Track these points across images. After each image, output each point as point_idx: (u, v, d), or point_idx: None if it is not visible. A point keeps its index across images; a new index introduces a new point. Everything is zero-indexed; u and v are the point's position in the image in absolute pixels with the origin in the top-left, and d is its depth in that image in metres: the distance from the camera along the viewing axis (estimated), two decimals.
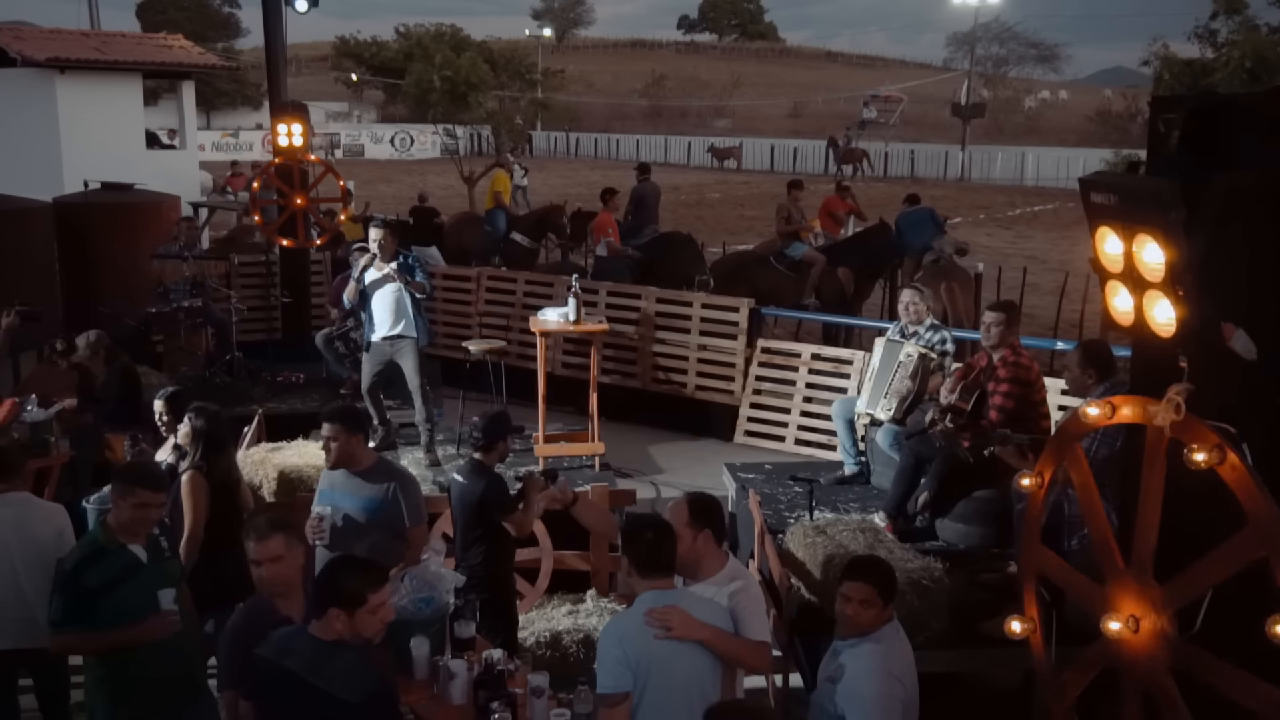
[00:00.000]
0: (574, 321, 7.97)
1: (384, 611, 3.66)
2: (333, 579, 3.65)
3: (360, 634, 3.58)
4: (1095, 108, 65.42)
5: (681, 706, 3.73)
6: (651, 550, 3.91)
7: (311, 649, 3.56)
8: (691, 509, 4.14)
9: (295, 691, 3.51)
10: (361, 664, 3.59)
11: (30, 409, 7.28)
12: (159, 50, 19.56)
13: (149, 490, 4.53)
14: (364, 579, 3.62)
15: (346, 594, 3.56)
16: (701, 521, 4.12)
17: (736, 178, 43.02)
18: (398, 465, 5.54)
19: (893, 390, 6.94)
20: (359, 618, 3.56)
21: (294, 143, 11.80)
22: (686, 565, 4.08)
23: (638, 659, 3.74)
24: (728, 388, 10.96)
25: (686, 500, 4.21)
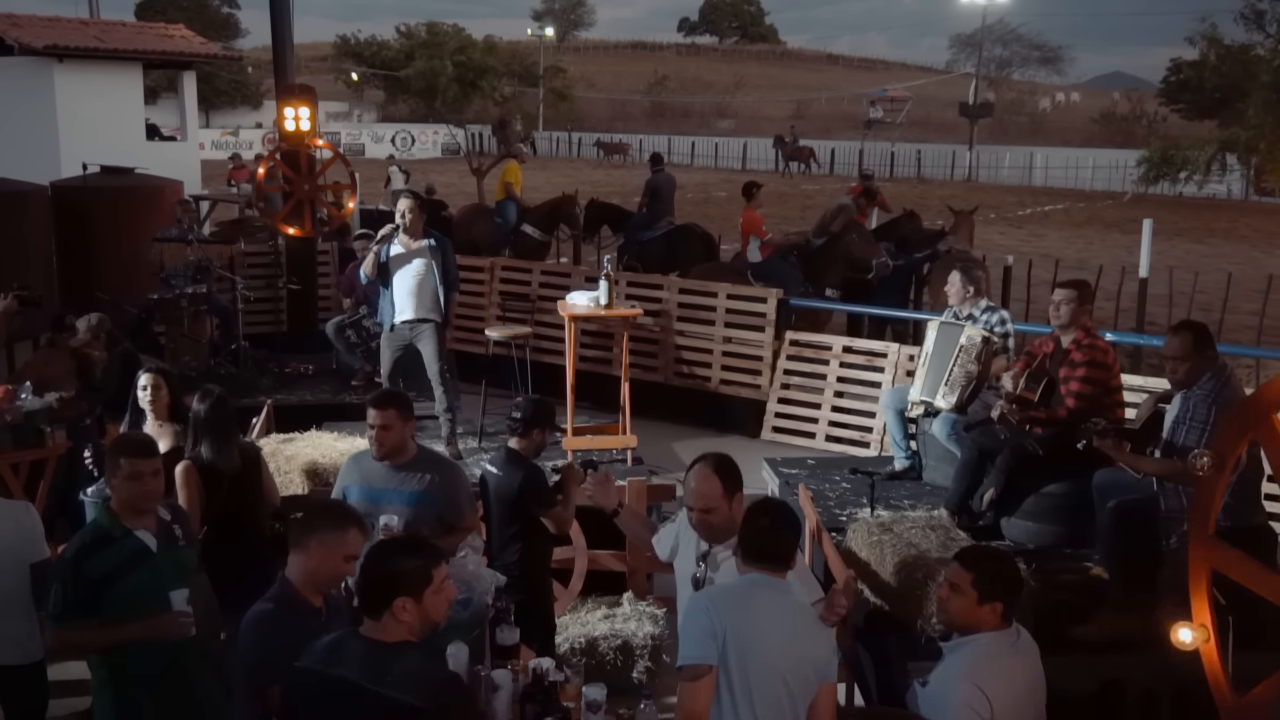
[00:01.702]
0: (605, 305, 7.49)
1: (448, 588, 3.22)
2: (388, 567, 3.13)
3: (430, 619, 3.14)
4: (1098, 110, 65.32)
5: (771, 696, 3.33)
6: (766, 538, 3.49)
7: (368, 653, 3.05)
8: (724, 477, 3.83)
9: (355, 704, 3.00)
10: (430, 661, 3.14)
11: (25, 397, 6.80)
12: (160, 39, 19.11)
13: (137, 458, 4.03)
14: (425, 557, 3.17)
15: (411, 577, 3.09)
16: (735, 486, 3.85)
17: (742, 176, 42.52)
18: (440, 454, 5.05)
19: (954, 377, 6.45)
20: (427, 600, 3.11)
21: (301, 127, 11.36)
22: (725, 532, 3.78)
23: (725, 632, 3.32)
24: (754, 382, 10.50)
25: (714, 470, 3.84)
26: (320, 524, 3.58)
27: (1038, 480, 5.81)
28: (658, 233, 14.44)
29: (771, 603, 3.42)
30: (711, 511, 3.80)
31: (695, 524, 3.88)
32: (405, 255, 7.53)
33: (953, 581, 3.63)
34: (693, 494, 3.84)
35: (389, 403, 4.70)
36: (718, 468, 3.84)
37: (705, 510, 3.81)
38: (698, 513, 3.83)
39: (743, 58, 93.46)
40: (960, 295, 6.80)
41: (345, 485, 4.83)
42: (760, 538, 3.49)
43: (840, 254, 11.08)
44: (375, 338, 9.00)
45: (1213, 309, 14.43)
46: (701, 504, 3.81)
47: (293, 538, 3.62)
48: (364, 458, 4.84)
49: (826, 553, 5.29)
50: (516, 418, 5.13)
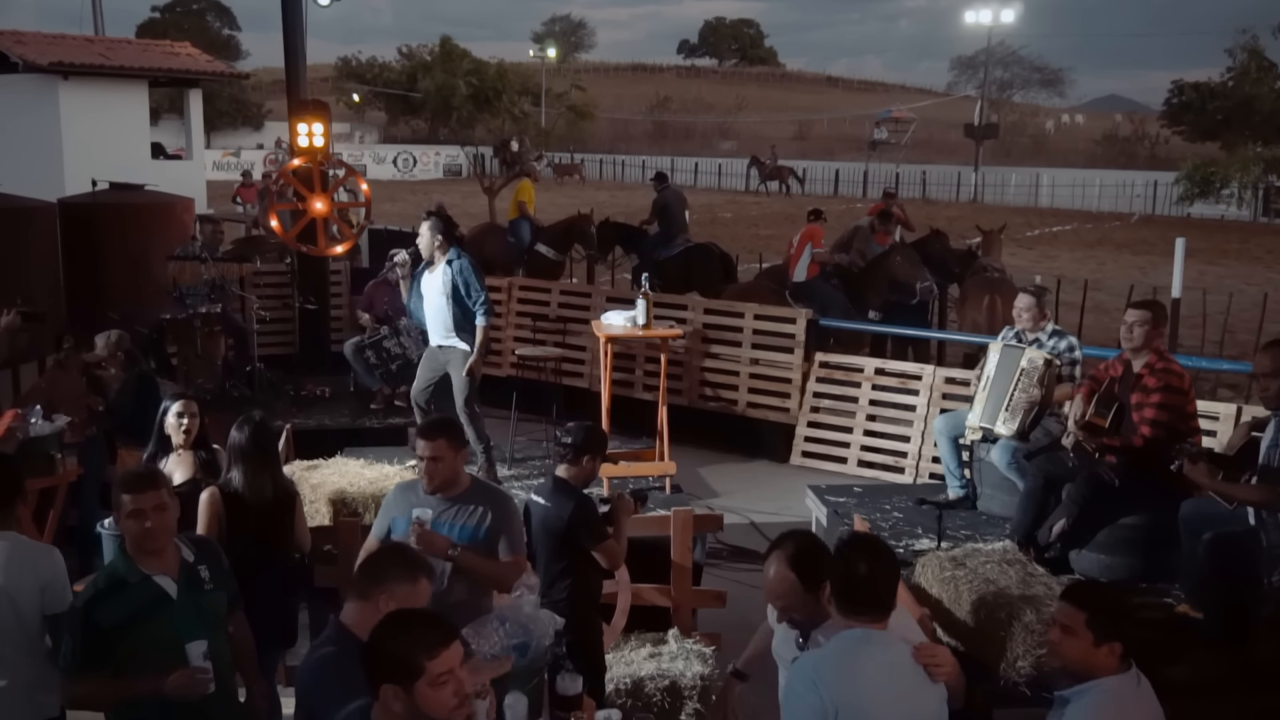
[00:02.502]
0: (643, 326, 7.17)
1: (454, 682, 2.72)
2: (375, 642, 2.75)
3: (427, 715, 2.69)
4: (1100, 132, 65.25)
5: None
6: (866, 587, 3.13)
7: None
8: (802, 573, 3.38)
9: None
10: None
11: (35, 421, 6.47)
12: (166, 57, 18.87)
13: (136, 492, 3.67)
14: (417, 639, 2.71)
15: (397, 662, 2.68)
16: (817, 579, 3.36)
17: (745, 198, 42.36)
18: (492, 485, 4.72)
19: (1016, 402, 6.13)
20: (419, 693, 2.67)
21: (314, 143, 11.06)
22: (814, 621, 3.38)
23: (838, 709, 2.99)
24: (783, 405, 10.17)
25: (790, 565, 3.40)
26: (390, 575, 3.23)
27: (1111, 511, 5.49)
28: (674, 251, 14.15)
29: (880, 663, 3.09)
30: (791, 608, 3.44)
31: (779, 618, 3.54)
32: (430, 279, 7.27)
33: (1064, 623, 3.29)
34: (768, 590, 3.48)
35: (438, 432, 4.36)
36: (795, 562, 3.41)
37: (784, 607, 3.45)
38: (778, 610, 3.49)
39: (743, 80, 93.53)
40: (1034, 318, 6.47)
41: (392, 518, 4.48)
42: (860, 587, 3.14)
43: (884, 276, 10.79)
44: (395, 359, 8.71)
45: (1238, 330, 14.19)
46: (781, 602, 3.45)
47: (357, 585, 3.28)
48: (413, 489, 4.50)
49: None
50: (567, 443, 4.81)
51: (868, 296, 10.99)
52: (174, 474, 5.28)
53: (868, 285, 10.99)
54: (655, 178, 16.37)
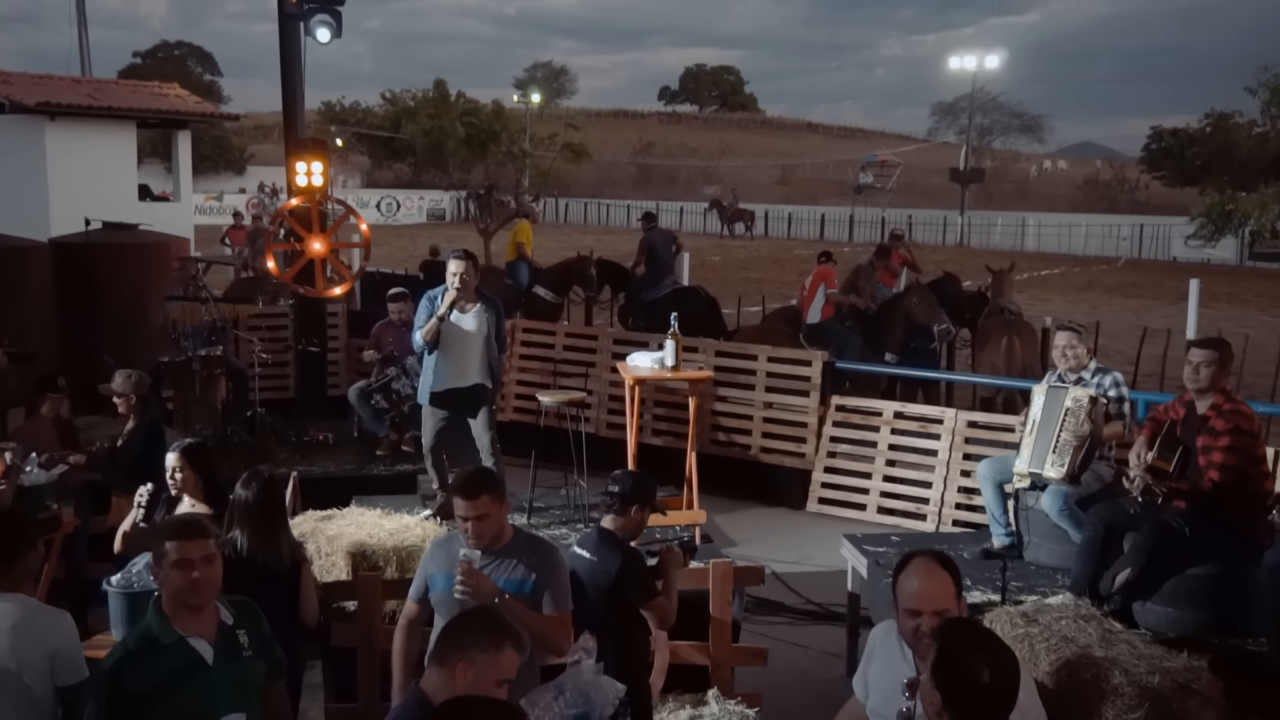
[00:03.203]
0: (672, 367, 6.87)
1: None
2: None
3: None
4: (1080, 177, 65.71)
5: None
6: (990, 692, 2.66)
7: None
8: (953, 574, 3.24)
9: None
10: None
11: (30, 469, 6.11)
12: (155, 98, 18.59)
13: (184, 540, 3.37)
14: None
15: None
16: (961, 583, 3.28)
17: (732, 242, 42.29)
18: (536, 535, 4.40)
19: (1063, 443, 5.85)
20: None
21: (313, 182, 10.79)
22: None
23: None
24: (799, 450, 9.88)
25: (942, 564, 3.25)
26: (470, 641, 2.90)
27: (1179, 560, 5.19)
28: (662, 292, 13.89)
29: None
30: (947, 616, 3.13)
31: (918, 635, 3.17)
32: (459, 319, 6.92)
33: (1204, 693, 3.00)
34: (916, 596, 3.17)
35: (480, 487, 4.01)
36: (944, 563, 3.24)
37: (938, 613, 3.12)
38: (928, 617, 3.13)
39: (724, 125, 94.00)
40: (1079, 359, 6.20)
41: (430, 575, 4.13)
42: (982, 698, 2.66)
43: (900, 317, 10.55)
44: (405, 402, 8.37)
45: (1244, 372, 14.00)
46: (933, 606, 3.14)
47: (436, 651, 2.96)
48: (453, 542, 4.16)
49: None
50: (614, 492, 4.50)
51: (885, 339, 10.75)
52: None
53: (884, 327, 10.75)
54: (643, 217, 16.18)
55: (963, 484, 9.07)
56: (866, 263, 12.51)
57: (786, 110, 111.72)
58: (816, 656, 6.78)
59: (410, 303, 9.17)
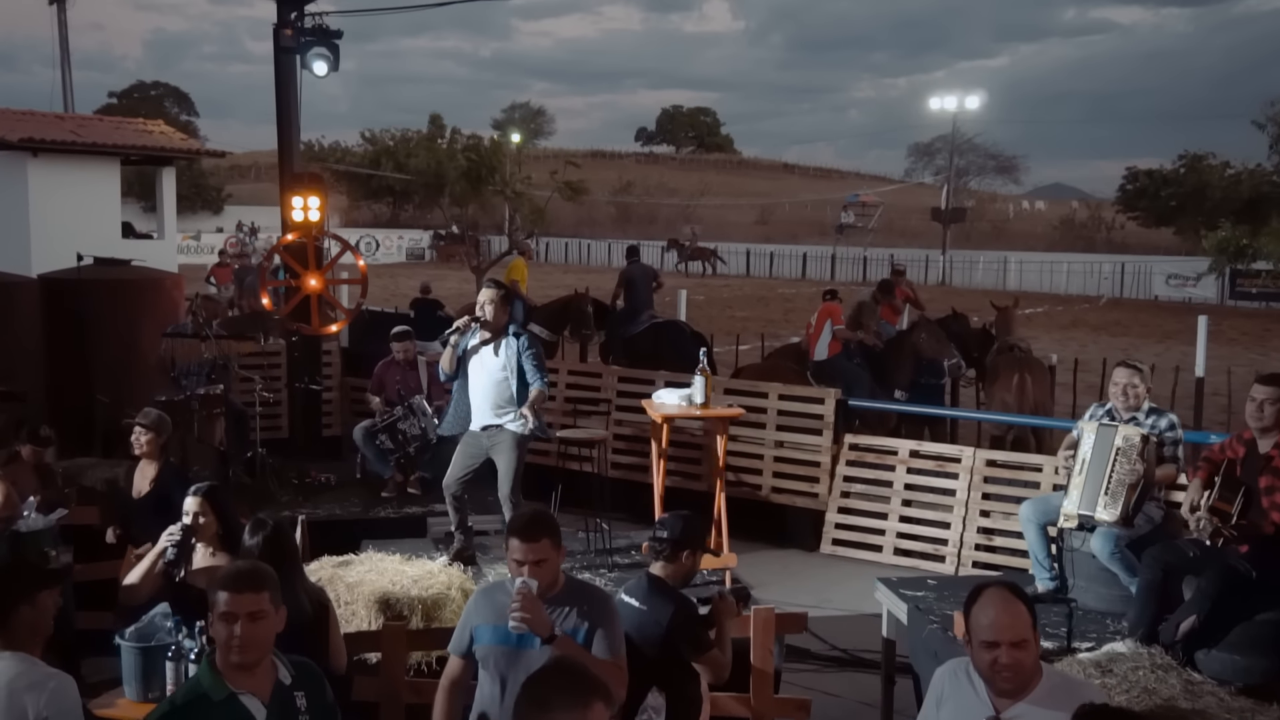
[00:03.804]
0: (700, 404, 6.63)
1: None
2: None
3: None
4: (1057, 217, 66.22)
5: None
6: None
7: None
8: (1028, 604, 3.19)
9: None
10: None
11: (28, 514, 5.79)
12: (139, 134, 18.32)
13: (234, 593, 3.13)
14: None
15: None
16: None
17: (714, 281, 42.23)
18: (589, 582, 4.12)
19: (1115, 484, 5.63)
20: None
21: (310, 217, 10.59)
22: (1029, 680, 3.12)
23: None
24: (811, 490, 9.63)
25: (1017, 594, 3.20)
26: (556, 700, 2.63)
27: (1244, 606, 4.96)
28: (640, 327, 13.67)
29: None
30: (1024, 647, 3.05)
31: (996, 669, 3.08)
32: (483, 353, 6.66)
33: None
34: (992, 628, 3.08)
35: (540, 530, 3.75)
36: (1018, 593, 3.16)
37: (1016, 644, 3.04)
38: (1006, 649, 3.04)
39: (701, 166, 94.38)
40: (1138, 398, 5.98)
41: (475, 626, 3.85)
42: None
43: (909, 353, 10.34)
44: (413, 441, 8.10)
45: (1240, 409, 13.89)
46: (1010, 637, 3.05)
47: (520, 711, 2.68)
48: (498, 591, 3.89)
49: None
50: (663, 538, 4.24)
51: (894, 375, 10.54)
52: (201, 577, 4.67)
53: (893, 363, 10.55)
54: (627, 251, 16.05)
55: (982, 524, 8.86)
56: (869, 298, 12.33)
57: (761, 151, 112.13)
58: (849, 706, 6.50)
59: (414, 341, 8.92)
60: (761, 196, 73.83)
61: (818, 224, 62.28)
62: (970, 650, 3.21)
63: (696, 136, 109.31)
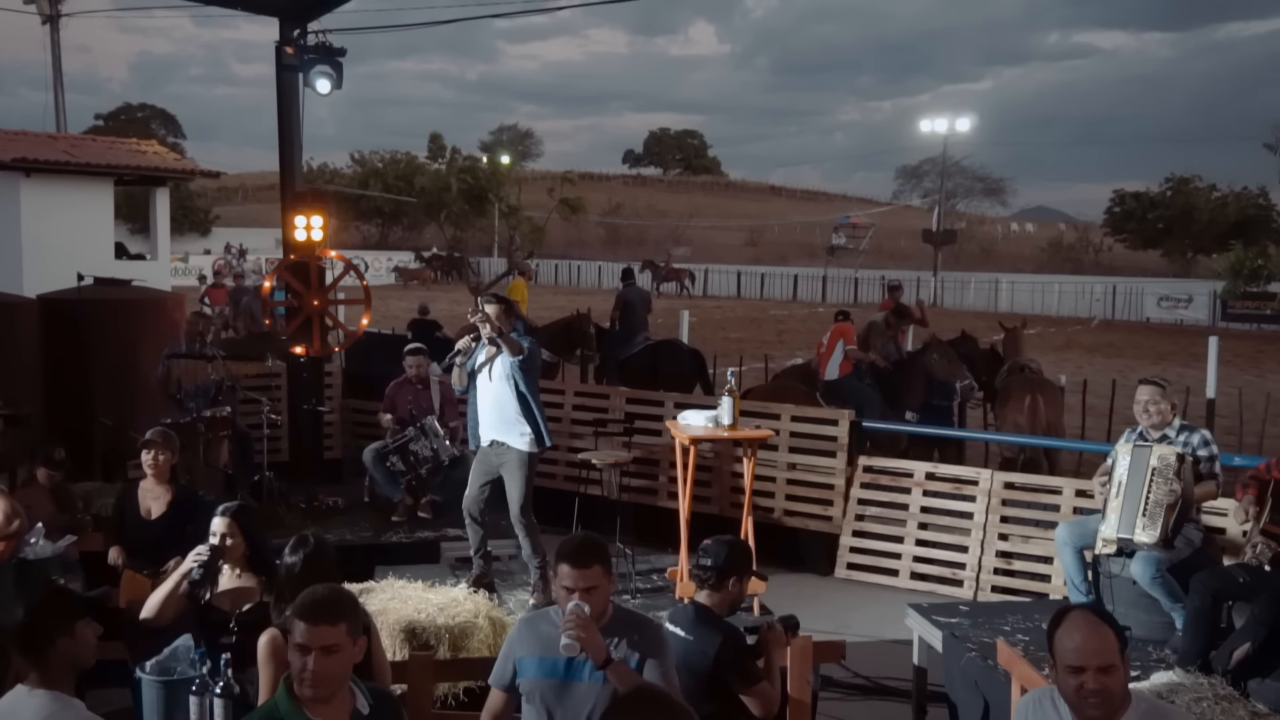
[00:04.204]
0: (728, 425, 6.48)
1: None
2: None
3: None
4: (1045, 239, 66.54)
5: None
6: None
7: None
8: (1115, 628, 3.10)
9: None
10: None
11: (35, 540, 5.60)
12: (133, 155, 18.14)
13: (310, 624, 3.00)
14: None
15: None
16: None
17: (706, 303, 42.17)
18: (637, 612, 3.95)
19: (1152, 506, 5.50)
20: None
21: (313, 236, 10.41)
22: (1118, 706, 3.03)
23: None
24: (825, 513, 9.47)
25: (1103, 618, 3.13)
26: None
27: None
28: (635, 349, 13.58)
29: None
30: (1112, 672, 2.98)
31: (1082, 695, 2.99)
32: (488, 367, 6.53)
33: None
34: (1079, 652, 3.00)
35: (592, 556, 3.60)
36: (1103, 616, 3.09)
37: (1104, 669, 2.97)
38: (1093, 674, 2.96)
39: (688, 188, 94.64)
40: (1162, 415, 5.86)
41: (519, 658, 3.68)
42: None
43: (920, 374, 10.21)
44: (425, 463, 7.92)
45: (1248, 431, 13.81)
46: (1098, 661, 2.98)
47: None
48: (541, 622, 3.73)
49: None
50: (707, 565, 4.09)
51: (906, 396, 10.41)
52: (239, 599, 4.51)
53: (905, 385, 10.42)
54: (623, 274, 15.98)
55: (1001, 548, 8.72)
56: (880, 319, 12.23)
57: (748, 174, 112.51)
58: None
59: (427, 357, 8.77)
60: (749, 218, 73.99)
61: (807, 246, 62.44)
62: (1055, 676, 3.12)
63: (684, 159, 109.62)
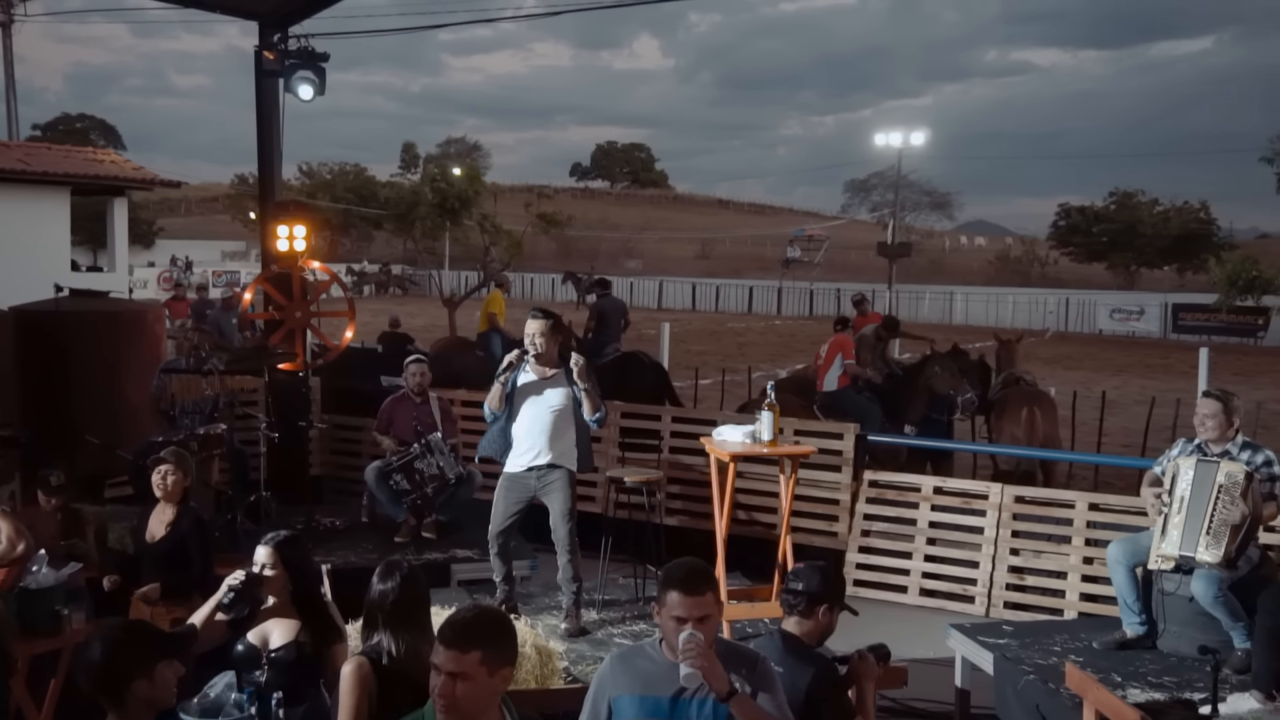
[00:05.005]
0: (767, 441, 6.25)
1: None
2: None
3: None
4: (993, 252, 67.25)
5: None
6: None
7: None
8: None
9: None
10: None
11: (37, 569, 5.24)
12: (90, 164, 17.56)
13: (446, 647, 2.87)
14: None
15: None
16: None
17: (664, 315, 41.97)
18: (741, 644, 3.70)
19: (1218, 524, 5.35)
20: None
21: (295, 247, 10.10)
22: None
23: None
24: (830, 529, 9.27)
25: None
26: None
27: None
28: (606, 359, 13.37)
29: None
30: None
31: None
32: (536, 386, 6.23)
33: None
34: None
35: (705, 583, 3.35)
36: None
37: None
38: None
39: (636, 201, 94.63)
40: (1221, 429, 5.71)
41: (614, 698, 3.41)
42: None
43: (922, 388, 10.06)
44: (429, 483, 7.61)
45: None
46: None
47: None
48: (637, 658, 3.47)
49: None
50: (798, 590, 3.86)
51: (906, 410, 10.26)
52: (271, 634, 4.20)
53: (906, 398, 10.27)
54: (597, 284, 15.76)
55: (1013, 563, 8.57)
56: (871, 333, 12.09)
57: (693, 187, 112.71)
58: None
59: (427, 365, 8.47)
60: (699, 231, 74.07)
61: (758, 258, 62.56)
62: None
63: (632, 172, 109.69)
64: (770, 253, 62.55)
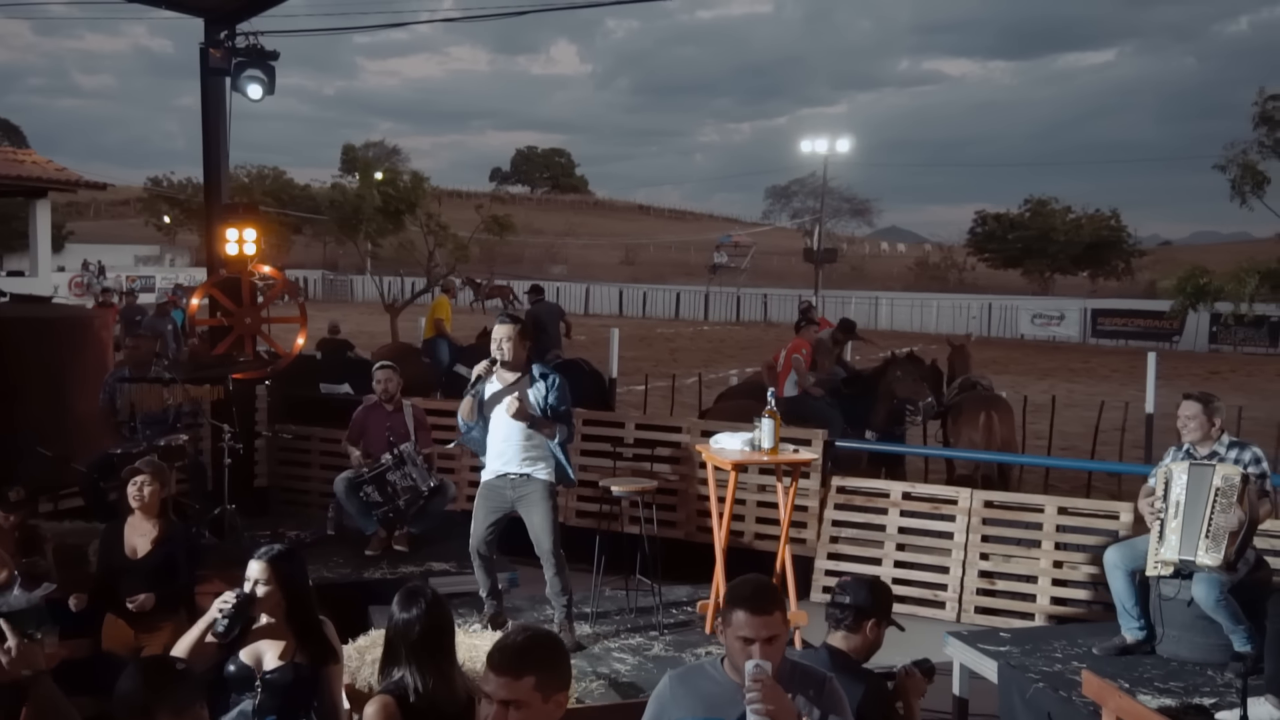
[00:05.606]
0: (768, 449, 6.14)
1: None
2: None
3: None
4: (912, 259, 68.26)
5: None
6: None
7: None
8: None
9: None
10: None
11: (13, 591, 4.93)
12: (10, 164, 16.91)
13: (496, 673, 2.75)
14: None
15: None
16: None
17: (592, 321, 41.86)
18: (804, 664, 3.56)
19: (1216, 526, 5.37)
20: None
21: (245, 251, 9.81)
22: None
23: None
24: (799, 535, 9.19)
25: None
26: None
27: None
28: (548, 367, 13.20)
29: None
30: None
31: None
32: (503, 393, 6.05)
33: None
34: None
35: (773, 601, 3.21)
36: None
37: None
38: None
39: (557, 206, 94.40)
40: (1202, 430, 5.74)
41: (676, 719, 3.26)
42: None
43: (883, 393, 10.05)
44: (402, 495, 7.38)
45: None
46: None
47: None
48: (698, 678, 3.32)
49: None
50: (846, 603, 3.77)
51: (868, 415, 10.24)
52: (264, 654, 3.99)
53: (869, 403, 10.25)
54: (530, 290, 15.60)
55: (983, 568, 8.58)
56: (828, 337, 12.08)
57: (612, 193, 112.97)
58: None
59: (397, 372, 8.24)
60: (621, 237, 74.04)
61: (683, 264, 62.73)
62: None
63: (551, 177, 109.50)
64: (694, 258, 62.71)
